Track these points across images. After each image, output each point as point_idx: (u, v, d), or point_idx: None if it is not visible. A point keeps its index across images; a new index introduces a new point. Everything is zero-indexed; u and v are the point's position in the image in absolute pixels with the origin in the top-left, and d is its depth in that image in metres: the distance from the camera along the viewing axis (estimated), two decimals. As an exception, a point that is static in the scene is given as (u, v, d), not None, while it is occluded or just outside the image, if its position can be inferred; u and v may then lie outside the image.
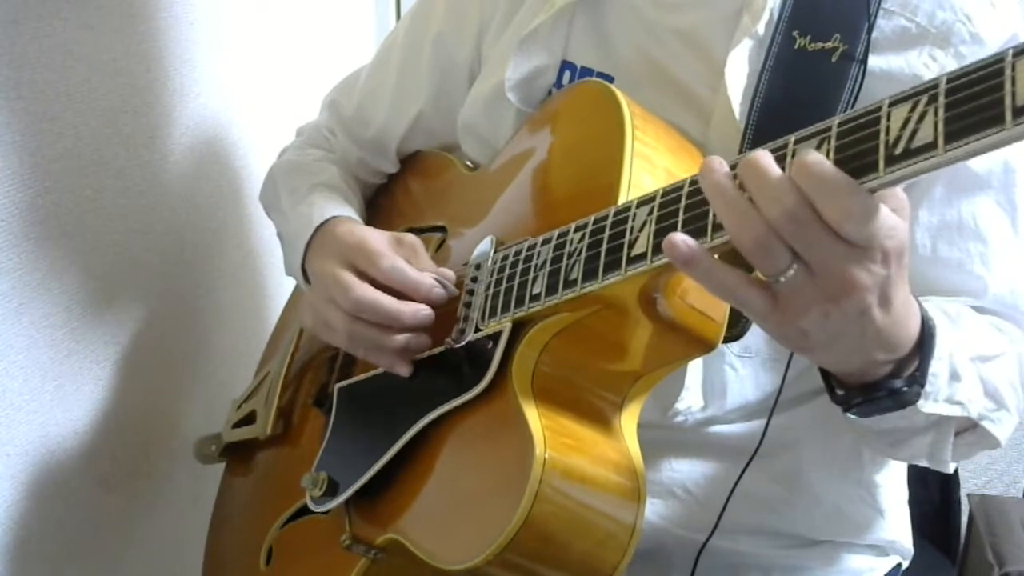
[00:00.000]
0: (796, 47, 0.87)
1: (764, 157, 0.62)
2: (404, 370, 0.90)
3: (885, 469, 1.07)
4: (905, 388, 0.74)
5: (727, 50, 0.89)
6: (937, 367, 0.75)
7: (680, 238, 0.64)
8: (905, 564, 1.11)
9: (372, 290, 0.90)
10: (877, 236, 0.61)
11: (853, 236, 0.61)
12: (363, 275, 0.92)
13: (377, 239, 0.94)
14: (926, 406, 0.76)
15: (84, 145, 1.11)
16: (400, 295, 0.90)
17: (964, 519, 1.44)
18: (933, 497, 1.34)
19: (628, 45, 0.96)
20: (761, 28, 0.88)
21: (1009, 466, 2.08)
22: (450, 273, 0.91)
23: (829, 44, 0.86)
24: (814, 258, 0.62)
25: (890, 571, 1.09)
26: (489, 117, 1.04)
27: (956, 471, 1.36)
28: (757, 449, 0.92)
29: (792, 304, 0.64)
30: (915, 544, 1.12)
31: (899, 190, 0.62)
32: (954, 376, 0.78)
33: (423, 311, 0.88)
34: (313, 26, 1.74)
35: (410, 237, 0.96)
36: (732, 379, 0.95)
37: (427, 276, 0.90)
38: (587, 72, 0.98)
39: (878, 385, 0.74)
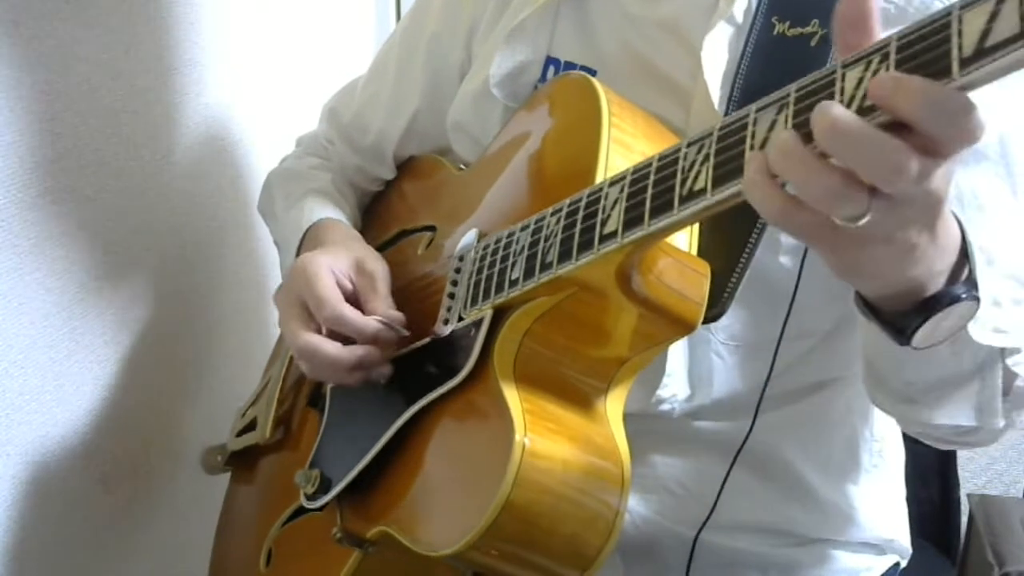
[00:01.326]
0: (775, 33, 0.87)
1: (834, 107, 0.56)
2: (380, 378, 0.92)
3: (883, 467, 1.07)
4: (964, 294, 0.68)
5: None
6: (980, 287, 0.70)
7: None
8: (903, 563, 1.11)
9: (313, 339, 0.92)
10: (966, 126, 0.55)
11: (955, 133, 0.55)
12: (312, 317, 0.93)
13: (326, 281, 0.93)
14: (975, 333, 0.73)
15: (84, 145, 1.11)
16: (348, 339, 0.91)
17: (964, 519, 1.44)
18: (933, 497, 1.34)
19: (611, 38, 0.97)
20: (739, 15, 0.89)
21: (1009, 466, 2.08)
22: (398, 315, 0.92)
23: (808, 29, 0.86)
24: (904, 190, 0.57)
25: (888, 570, 1.09)
26: (477, 114, 1.04)
27: (956, 471, 1.36)
28: (747, 438, 0.93)
29: (871, 235, 0.60)
30: (915, 544, 1.12)
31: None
32: (995, 302, 0.75)
33: (367, 356, 0.90)
34: (313, 26, 1.74)
35: (371, 265, 0.96)
36: (719, 367, 0.95)
37: (371, 321, 0.91)
38: (571, 67, 0.99)
39: (937, 299, 0.68)
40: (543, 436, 0.75)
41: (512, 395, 0.77)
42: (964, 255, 0.69)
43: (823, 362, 0.99)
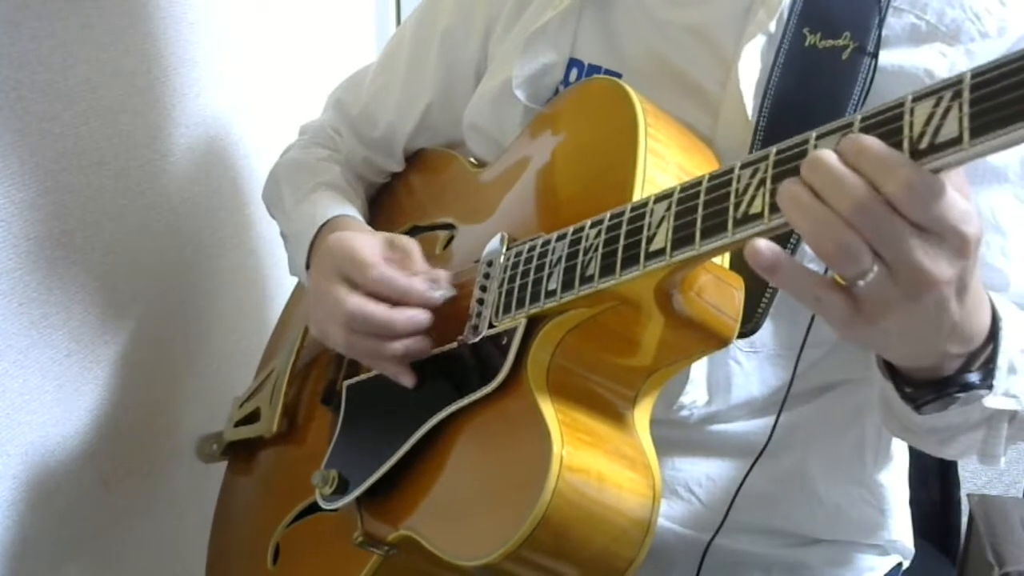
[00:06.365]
0: (807, 44, 0.87)
1: (826, 154, 0.60)
2: (407, 380, 0.90)
3: (887, 469, 1.07)
4: (978, 382, 0.72)
5: (736, 45, 0.89)
6: (999, 360, 0.73)
7: (764, 244, 0.62)
8: (906, 564, 1.11)
9: (363, 301, 0.90)
10: (948, 219, 0.59)
11: (919, 216, 0.59)
12: (355, 286, 0.92)
13: (367, 248, 0.93)
14: (986, 400, 0.75)
15: (84, 145, 1.11)
16: (395, 302, 0.90)
17: (964, 519, 1.44)
18: (933, 497, 1.34)
19: (636, 42, 0.96)
20: (772, 25, 0.88)
21: (1009, 466, 2.08)
22: (443, 273, 0.91)
23: (840, 42, 0.86)
24: (892, 254, 0.60)
25: (891, 571, 1.09)
26: (496, 115, 1.04)
27: (956, 471, 1.36)
28: (765, 447, 0.92)
29: (873, 306, 0.62)
30: (915, 544, 1.12)
31: (964, 179, 0.61)
32: (1011, 369, 0.76)
33: (417, 316, 0.88)
34: (313, 26, 1.74)
35: (403, 239, 0.96)
36: (737, 373, 0.95)
37: (418, 281, 0.89)
38: (595, 69, 0.98)
39: (950, 380, 0.72)
40: (578, 448, 0.75)
41: (547, 406, 0.77)
42: (991, 339, 0.72)
43: (834, 365, 0.98)
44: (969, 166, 0.86)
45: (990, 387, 0.73)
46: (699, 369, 0.93)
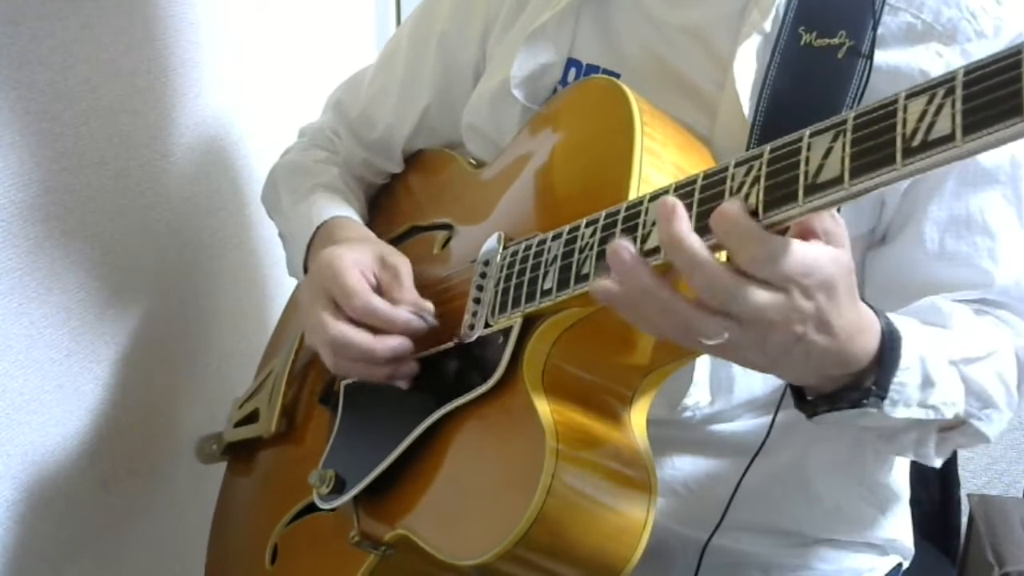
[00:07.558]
0: (802, 43, 0.87)
1: (688, 237, 0.65)
2: (401, 383, 0.91)
3: (887, 468, 1.07)
4: (864, 400, 0.76)
5: (733, 46, 0.89)
6: (905, 376, 0.77)
7: (599, 288, 0.70)
8: (906, 564, 1.11)
9: (346, 329, 0.91)
10: (792, 277, 0.64)
11: (767, 276, 0.64)
12: (341, 309, 0.92)
13: (352, 273, 0.93)
14: (896, 411, 0.78)
15: (84, 145, 1.11)
16: (378, 330, 0.90)
17: (964, 519, 1.44)
18: (933, 497, 1.34)
19: (634, 42, 0.97)
20: (768, 25, 0.88)
21: (1009, 466, 2.08)
22: (428, 305, 0.91)
23: (835, 40, 0.86)
24: (744, 312, 0.65)
25: (890, 571, 1.09)
26: (494, 115, 1.04)
27: (956, 471, 1.36)
28: (763, 443, 0.93)
29: (728, 346, 0.68)
30: (915, 544, 1.12)
31: (836, 221, 0.65)
32: (927, 382, 0.79)
33: (400, 346, 0.89)
34: (313, 26, 1.74)
35: (394, 258, 0.96)
36: (739, 373, 0.95)
37: (402, 311, 0.90)
38: (593, 69, 0.98)
39: (838, 396, 0.77)
40: (573, 447, 0.75)
41: (542, 405, 0.77)
42: (878, 361, 0.75)
43: None
44: (962, 169, 0.88)
45: (878, 404, 0.77)
46: (702, 371, 0.93)
